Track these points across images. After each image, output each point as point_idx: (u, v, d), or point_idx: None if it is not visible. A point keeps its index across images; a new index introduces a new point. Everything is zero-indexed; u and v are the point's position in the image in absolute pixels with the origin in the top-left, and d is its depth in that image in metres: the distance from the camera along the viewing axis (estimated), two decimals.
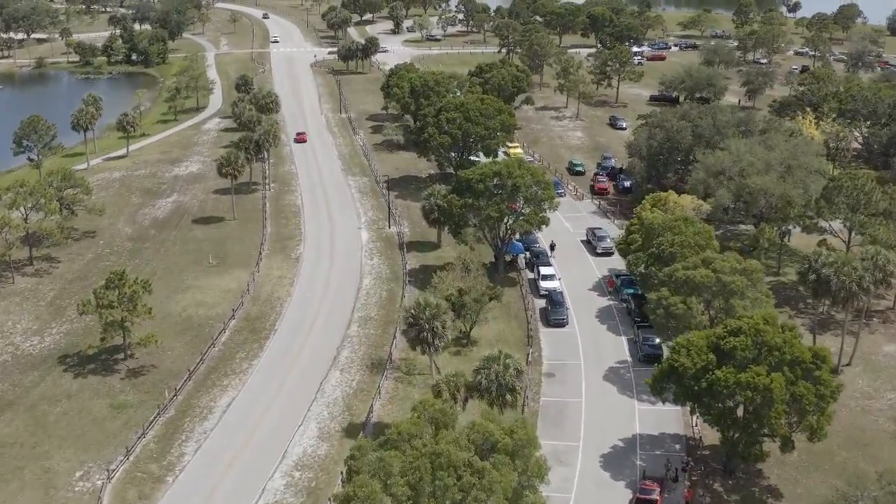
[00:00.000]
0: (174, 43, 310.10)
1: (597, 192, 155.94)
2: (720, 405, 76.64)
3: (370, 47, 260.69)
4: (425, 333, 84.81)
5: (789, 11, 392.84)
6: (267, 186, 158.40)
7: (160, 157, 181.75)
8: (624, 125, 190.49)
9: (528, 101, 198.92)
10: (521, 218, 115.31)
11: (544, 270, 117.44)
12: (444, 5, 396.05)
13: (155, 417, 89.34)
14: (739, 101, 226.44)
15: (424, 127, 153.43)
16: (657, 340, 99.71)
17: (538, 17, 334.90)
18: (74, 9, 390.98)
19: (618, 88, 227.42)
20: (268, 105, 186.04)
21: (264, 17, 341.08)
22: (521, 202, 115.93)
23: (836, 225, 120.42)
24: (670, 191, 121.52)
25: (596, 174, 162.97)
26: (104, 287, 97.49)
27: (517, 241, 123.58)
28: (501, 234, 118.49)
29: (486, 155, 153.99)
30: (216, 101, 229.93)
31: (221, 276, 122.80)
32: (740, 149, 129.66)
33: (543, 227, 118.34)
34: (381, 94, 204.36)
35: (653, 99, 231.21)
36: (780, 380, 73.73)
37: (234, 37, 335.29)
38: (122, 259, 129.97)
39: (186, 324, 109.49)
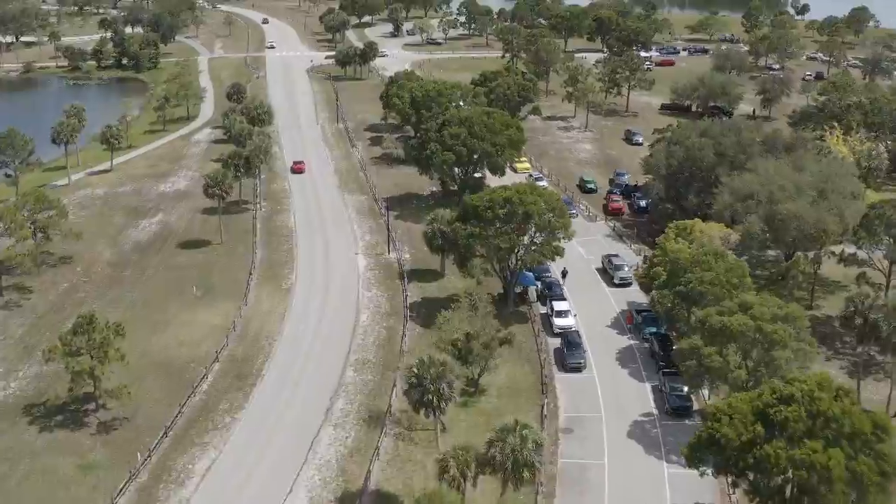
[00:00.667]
0: (167, 47, 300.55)
1: (611, 213, 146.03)
2: (769, 483, 66.62)
3: (368, 52, 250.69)
4: (430, 396, 74.73)
5: (798, 14, 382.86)
6: (258, 205, 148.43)
7: (146, 171, 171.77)
8: (640, 140, 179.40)
9: (535, 111, 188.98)
10: (533, 249, 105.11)
11: (558, 306, 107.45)
12: (445, 7, 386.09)
13: (126, 484, 79.26)
14: (754, 110, 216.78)
15: (426, 142, 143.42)
16: (685, 390, 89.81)
17: (542, 20, 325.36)
18: (65, 11, 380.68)
19: (628, 97, 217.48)
20: (260, 117, 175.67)
21: (264, 23, 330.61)
22: (533, 230, 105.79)
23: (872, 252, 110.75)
24: (696, 219, 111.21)
25: (609, 192, 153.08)
26: (72, 332, 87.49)
27: (527, 270, 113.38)
28: (511, 266, 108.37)
29: (493, 172, 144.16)
30: (207, 109, 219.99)
31: (206, 310, 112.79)
32: (769, 170, 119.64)
33: (557, 257, 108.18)
34: (380, 103, 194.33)
35: (664, 108, 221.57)
36: (839, 457, 63.90)
37: (228, 40, 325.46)
38: (100, 288, 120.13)
39: (165, 367, 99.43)
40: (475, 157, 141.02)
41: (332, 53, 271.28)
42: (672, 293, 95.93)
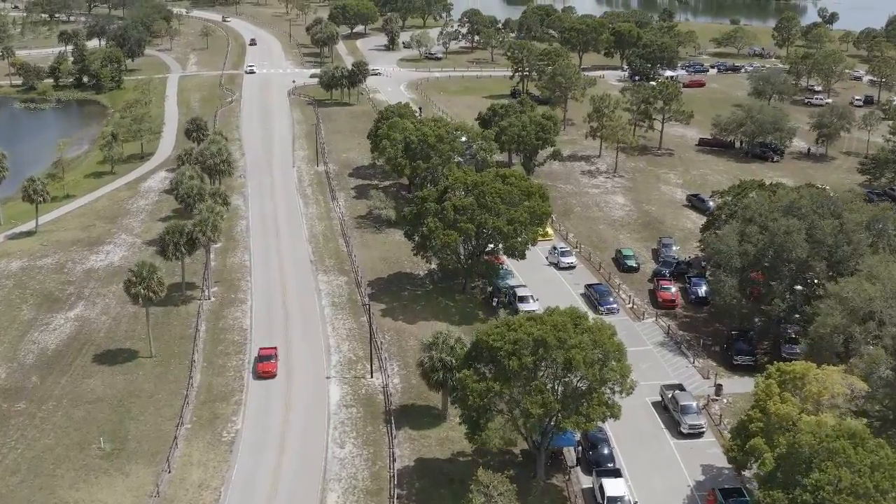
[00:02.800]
0: (134, 62, 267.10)
1: (662, 305, 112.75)
2: None
3: (357, 74, 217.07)
4: None
5: (826, 23, 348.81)
6: (205, 292, 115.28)
7: (78, 234, 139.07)
8: (711, 205, 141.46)
9: (555, 155, 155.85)
10: (577, 413, 71.98)
11: (610, 488, 74.24)
12: (445, 16, 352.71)
13: None
14: (809, 149, 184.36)
15: (422, 214, 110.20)
16: None
17: (552, 32, 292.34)
18: (31, 19, 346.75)
19: (662, 132, 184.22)
20: (218, 167, 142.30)
21: (251, 45, 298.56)
22: (576, 380, 72.79)
23: None
24: (808, 364, 77.71)
25: (657, 275, 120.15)
26: None
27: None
28: (544, 427, 75.33)
29: (509, 256, 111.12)
30: (167, 143, 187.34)
31: (112, 479, 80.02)
32: (893, 275, 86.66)
33: (614, 419, 75.07)
34: (370, 135, 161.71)
35: (703, 143, 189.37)
36: None
37: (205, 54, 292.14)
38: None
39: None
40: (486, 233, 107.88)
41: (318, 71, 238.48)
42: (788, 499, 62.86)
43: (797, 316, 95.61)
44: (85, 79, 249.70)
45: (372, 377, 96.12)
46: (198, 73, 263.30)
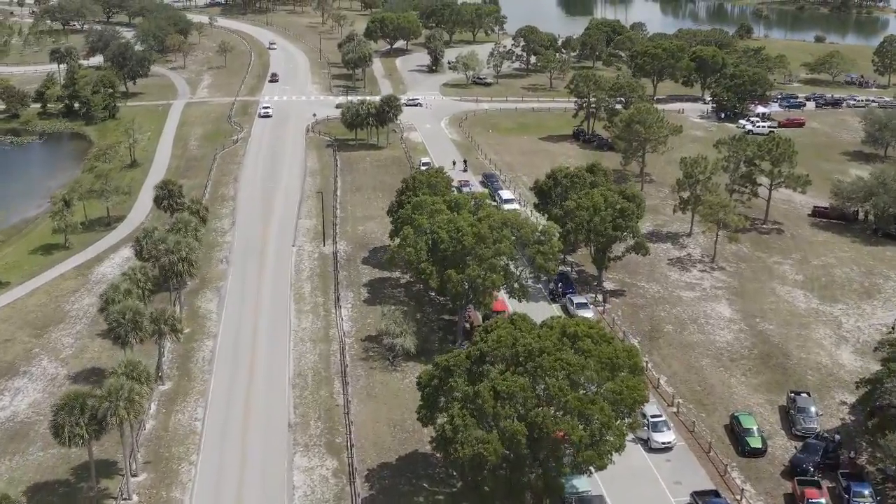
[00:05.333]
0: (138, 84, 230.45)
1: None
2: None
3: (387, 111, 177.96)
4: None
5: None
6: (123, 491, 76.69)
7: None
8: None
9: (638, 248, 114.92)
10: None
11: None
12: (498, 30, 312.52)
13: None
14: None
15: (444, 391, 70.50)
16: None
17: (620, 54, 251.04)
18: (39, 28, 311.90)
19: (769, 202, 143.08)
20: (175, 268, 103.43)
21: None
22: None
23: None
24: None
25: (796, 470, 79.53)
26: None
27: None
28: None
29: (582, 472, 70.97)
30: (146, 202, 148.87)
31: None
32: None
33: None
34: (400, 186, 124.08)
35: (817, 214, 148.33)
36: None
37: (221, 73, 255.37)
38: None
39: None
40: (544, 440, 67.80)
41: (342, 100, 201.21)
42: None
43: None
44: (77, 105, 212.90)
45: None
46: (207, 99, 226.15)
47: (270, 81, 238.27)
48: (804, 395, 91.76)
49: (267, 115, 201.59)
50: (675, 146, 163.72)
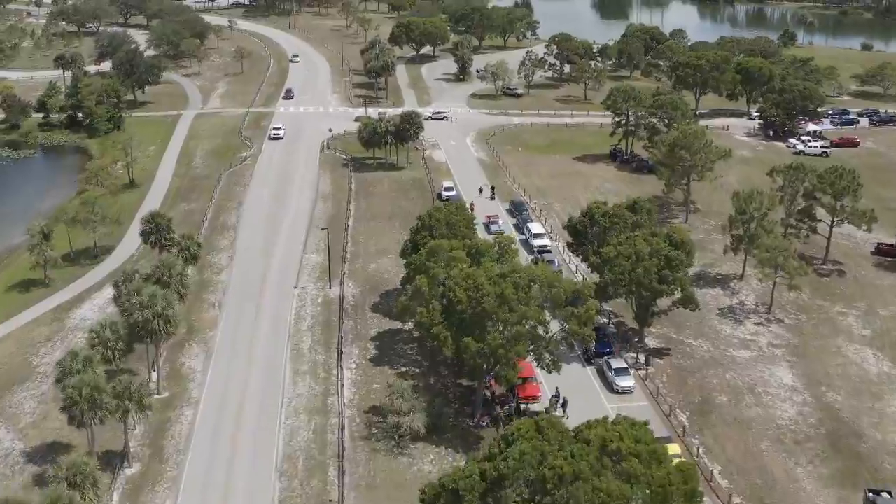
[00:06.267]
0: (147, 93, 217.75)
1: None
2: None
3: (407, 129, 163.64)
4: None
5: None
6: None
7: None
8: None
9: (686, 303, 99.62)
10: None
11: None
12: (530, 35, 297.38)
13: None
14: None
15: None
16: None
17: (660, 64, 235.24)
18: (52, 30, 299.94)
19: (829, 239, 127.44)
20: (149, 325, 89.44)
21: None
22: None
23: None
24: None
25: None
26: None
27: None
28: None
29: None
30: (138, 231, 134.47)
31: None
32: None
33: None
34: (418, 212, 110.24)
35: (881, 252, 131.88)
36: None
37: (237, 81, 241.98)
38: None
39: None
40: None
41: (361, 112, 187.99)
42: None
43: None
44: (80, 116, 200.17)
45: None
46: (219, 109, 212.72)
47: (285, 98, 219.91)
48: (885, 494, 76.50)
49: (277, 138, 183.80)
50: (722, 169, 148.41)
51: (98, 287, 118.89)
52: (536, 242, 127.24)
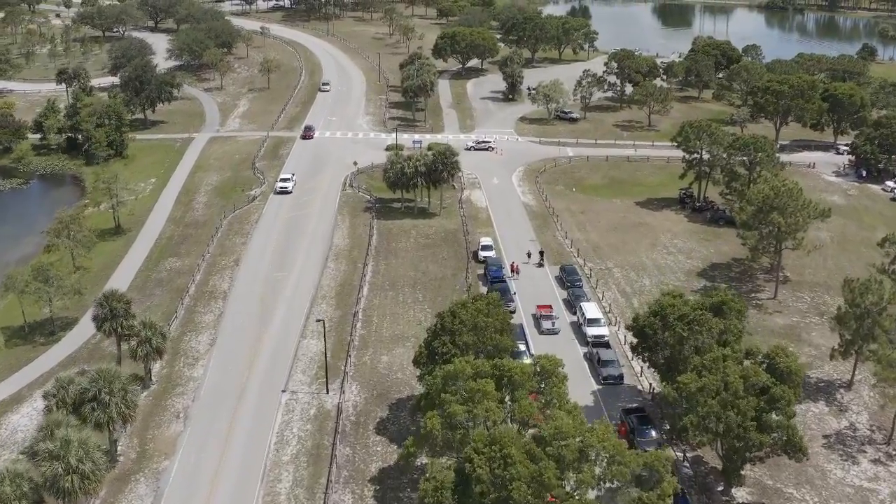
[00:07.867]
0: (161, 111, 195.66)
1: None
2: None
3: (440, 170, 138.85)
4: None
5: None
6: None
7: None
8: None
9: (790, 452, 73.22)
10: None
11: None
12: (588, 47, 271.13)
13: None
14: None
15: None
16: None
17: (733, 84, 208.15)
18: (74, 36, 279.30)
19: None
20: (70, 479, 65.49)
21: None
22: None
23: None
24: None
25: None
26: None
27: None
28: None
29: None
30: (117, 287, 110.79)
31: None
32: None
33: None
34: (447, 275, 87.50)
35: None
36: None
37: (262, 97, 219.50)
38: None
39: None
40: None
41: (391, 143, 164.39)
42: None
43: None
44: (80, 138, 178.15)
45: None
46: (236, 132, 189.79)
47: (303, 138, 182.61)
48: None
49: (284, 192, 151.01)
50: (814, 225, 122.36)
51: (45, 379, 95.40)
52: (591, 331, 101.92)
